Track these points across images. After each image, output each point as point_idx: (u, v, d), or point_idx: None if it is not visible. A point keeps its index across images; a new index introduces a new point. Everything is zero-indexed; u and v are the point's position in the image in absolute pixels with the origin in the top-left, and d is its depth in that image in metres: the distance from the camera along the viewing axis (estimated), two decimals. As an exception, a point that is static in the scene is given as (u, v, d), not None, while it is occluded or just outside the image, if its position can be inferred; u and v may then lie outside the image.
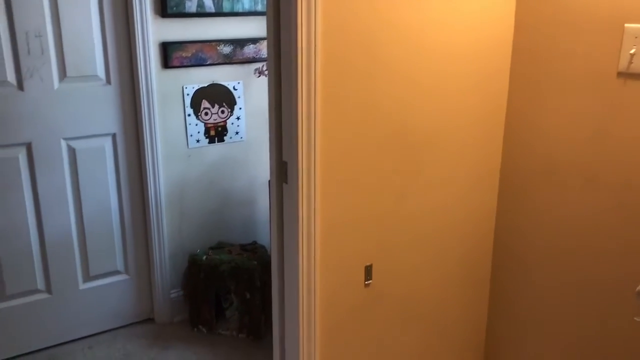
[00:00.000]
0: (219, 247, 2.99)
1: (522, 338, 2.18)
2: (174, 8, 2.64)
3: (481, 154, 2.08)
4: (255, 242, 3.03)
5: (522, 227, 2.10)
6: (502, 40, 1.99)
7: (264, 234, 3.15)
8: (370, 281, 1.89)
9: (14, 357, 2.63)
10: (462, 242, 2.13)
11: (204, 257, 2.85)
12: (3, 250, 2.53)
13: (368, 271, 1.87)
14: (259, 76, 2.95)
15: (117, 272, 2.87)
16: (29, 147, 2.51)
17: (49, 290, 2.69)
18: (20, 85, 2.45)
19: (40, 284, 2.66)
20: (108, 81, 2.64)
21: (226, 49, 2.84)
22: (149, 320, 2.99)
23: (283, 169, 1.68)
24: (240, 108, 2.97)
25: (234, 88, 2.93)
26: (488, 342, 2.32)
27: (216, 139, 2.93)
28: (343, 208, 1.77)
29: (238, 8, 2.81)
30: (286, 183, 1.69)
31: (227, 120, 2.95)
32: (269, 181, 1.85)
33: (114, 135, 2.70)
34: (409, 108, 1.83)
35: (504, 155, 2.12)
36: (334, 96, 1.66)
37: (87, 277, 2.78)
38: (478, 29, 1.91)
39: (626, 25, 1.69)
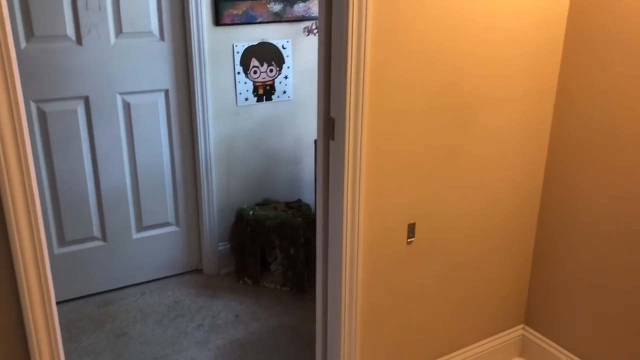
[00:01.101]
0: (264, 203, 3.07)
1: (562, 301, 2.18)
2: (226, -35, 2.67)
3: (532, 113, 2.04)
4: (299, 200, 3.10)
5: (571, 191, 2.07)
6: (559, -2, 1.93)
7: (309, 193, 3.21)
8: (413, 239, 1.91)
9: (71, 300, 2.80)
10: (507, 204, 2.12)
11: (251, 213, 2.93)
12: (63, 199, 2.67)
13: (411, 229, 1.89)
14: (308, 35, 2.96)
15: (168, 224, 2.99)
16: (86, 100, 2.62)
17: (104, 238, 2.84)
18: (79, 40, 2.54)
19: (96, 231, 2.81)
20: (162, 37, 2.70)
21: (276, 7, 2.85)
22: (197, 271, 3.12)
23: (330, 126, 1.71)
24: (288, 67, 3.00)
25: (282, 47, 2.95)
26: (529, 303, 2.32)
27: (264, 97, 2.98)
28: (389, 165, 1.79)
29: (289, -35, 2.82)
30: (333, 140, 1.72)
31: (275, 79, 2.98)
32: (315, 140, 1.88)
33: (166, 91, 2.78)
34: (461, 64, 1.81)
35: (555, 116, 2.09)
36: (383, 53, 1.66)
37: (140, 227, 2.91)
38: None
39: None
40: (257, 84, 2.94)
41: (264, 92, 2.97)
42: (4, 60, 1.25)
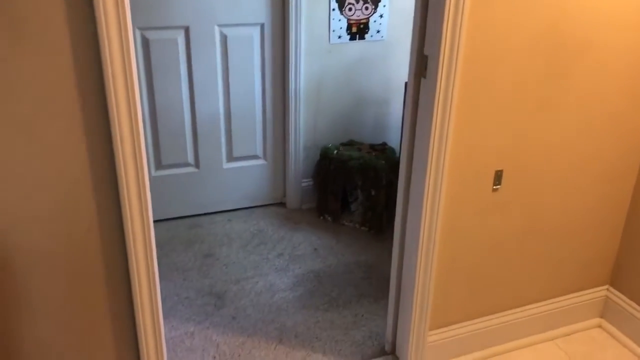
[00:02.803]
0: (349, 144, 3.10)
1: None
2: None
3: (637, 68, 1.90)
4: (384, 143, 3.09)
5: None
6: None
7: (394, 137, 3.19)
8: (499, 186, 1.87)
9: (164, 220, 3.01)
10: (601, 165, 2.01)
11: (335, 152, 2.97)
12: (161, 125, 2.83)
13: (498, 176, 1.85)
14: (407, -27, 2.86)
15: (256, 157, 3.10)
16: (187, 30, 2.71)
17: (197, 165, 3.00)
18: (182, -29, 2.61)
19: (190, 158, 2.97)
20: (260, -29, 2.72)
21: (376, -58, 2.77)
22: (281, 204, 3.24)
23: (423, 63, 1.68)
24: (384, 5, 2.93)
25: (380, -16, 2.88)
26: (617, 264, 2.23)
27: (357, 36, 2.94)
28: (480, 109, 1.74)
29: None
30: (424, 78, 1.69)
31: (370, 18, 2.93)
32: (406, 82, 1.86)
33: (262, 25, 2.82)
34: (563, 6, 1.70)
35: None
36: (485, -10, 1.59)
37: (230, 158, 3.04)
38: None
39: None
40: (351, 21, 2.91)
41: (358, 30, 2.93)
42: (116, -17, 1.31)
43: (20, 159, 1.32)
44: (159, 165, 2.92)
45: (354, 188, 3.02)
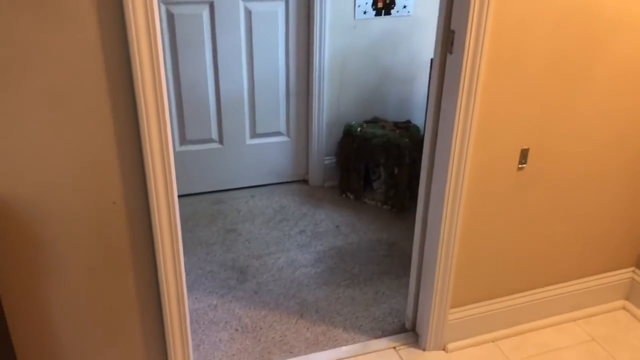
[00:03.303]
0: (373, 121, 3.07)
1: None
2: None
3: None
4: (409, 121, 3.07)
5: None
6: None
7: (418, 115, 3.15)
8: (525, 165, 1.85)
9: (188, 195, 3.04)
10: (632, 144, 1.96)
11: (359, 129, 2.96)
12: (185, 100, 2.85)
13: (524, 155, 1.82)
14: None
15: (279, 133, 3.10)
16: (211, 5, 2.70)
17: (220, 140, 3.01)
18: (207, -55, 2.59)
19: (214, 134, 2.99)
20: (285, -55, 2.69)
21: None
22: (303, 181, 3.25)
23: (449, 38, 1.65)
24: (411, -19, 2.88)
25: (407, -42, 2.82)
26: (643, 250, 2.20)
27: (383, 11, 2.90)
28: (507, 85, 1.71)
29: None
30: (451, 53, 1.66)
31: (396, -7, 2.88)
32: (432, 58, 1.83)
33: (286, 1, 2.79)
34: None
35: None
36: (515, -37, 1.55)
37: (254, 134, 3.05)
38: None
39: None
40: (377, -3, 2.87)
41: (384, 5, 2.89)
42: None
43: (49, 130, 1.34)
44: (183, 140, 2.94)
45: (377, 166, 3.01)
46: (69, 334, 1.57)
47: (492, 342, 2.11)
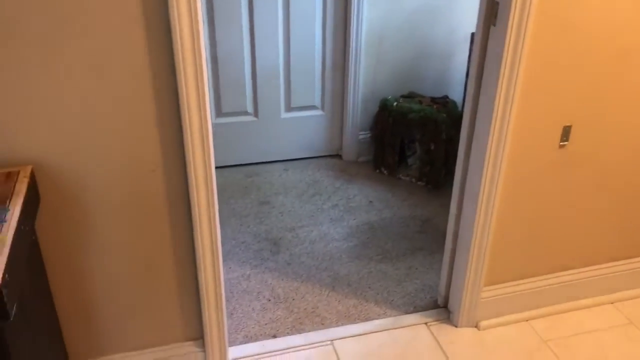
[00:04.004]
0: (410, 96, 3.03)
1: None
2: None
3: None
4: (446, 97, 3.01)
5: None
6: None
7: (456, 90, 3.10)
8: (566, 143, 1.80)
9: (223, 167, 3.07)
10: (683, 120, 1.89)
11: (395, 104, 2.92)
12: (222, 72, 2.86)
13: (566, 132, 1.78)
14: None
15: (314, 107, 3.09)
16: (249, -23, 2.69)
17: (255, 114, 3.02)
18: None
19: (249, 107, 2.99)
20: None
21: None
22: (337, 156, 3.24)
23: (493, 10, 1.60)
24: (452, -49, 2.80)
25: None
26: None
27: (423, -16, 2.84)
28: (552, 58, 1.65)
29: None
30: (494, 26, 1.62)
31: (437, -36, 2.81)
32: (472, 32, 1.78)
33: (324, -28, 2.76)
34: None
35: None
36: None
37: (288, 108, 3.05)
38: None
39: None
40: (417, -32, 2.80)
41: (423, -23, 2.82)
42: None
43: (91, 97, 1.37)
44: (219, 112, 2.96)
45: (413, 142, 2.98)
46: (107, 299, 1.62)
47: (525, 321, 2.09)
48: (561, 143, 1.79)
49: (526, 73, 1.65)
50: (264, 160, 3.15)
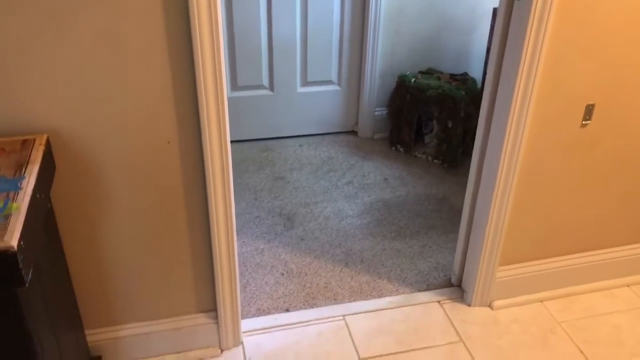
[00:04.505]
0: (428, 72, 2.98)
1: None
2: None
3: None
4: (466, 73, 2.96)
5: None
6: None
7: (476, 67, 3.04)
8: (589, 122, 1.76)
9: (237, 141, 3.06)
10: None
11: (413, 80, 2.88)
12: (238, 46, 2.83)
13: (588, 110, 1.73)
14: None
15: (330, 82, 3.06)
16: (267, -53, 2.64)
17: (271, 88, 3.00)
18: None
19: (265, 81, 2.97)
20: None
21: None
22: (352, 132, 3.21)
23: (519, -17, 1.55)
24: None
25: None
26: None
27: (445, -44, 2.77)
28: (578, 34, 1.61)
29: None
30: (518, 0, 1.57)
31: (460, -63, 2.73)
32: (495, 7, 1.73)
33: (344, -57, 2.70)
34: None
35: None
36: None
37: (304, 82, 3.02)
38: None
39: None
40: (439, -60, 2.73)
41: (446, -50, 2.75)
42: None
43: (108, 69, 1.35)
44: (234, 86, 2.94)
45: (430, 119, 2.94)
46: (121, 270, 1.63)
47: (540, 302, 2.08)
48: (583, 122, 1.75)
49: (550, 49, 1.60)
50: (279, 136, 3.14)
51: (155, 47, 1.36)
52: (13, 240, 0.98)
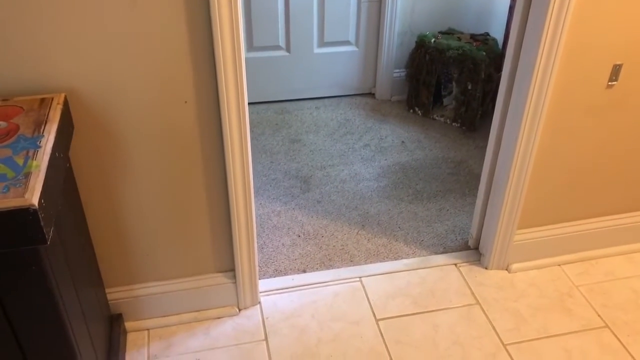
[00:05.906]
0: (448, 32, 2.91)
1: None
2: None
3: None
4: (487, 34, 2.88)
5: None
6: None
7: (498, 27, 2.96)
8: (615, 82, 1.70)
9: (254, 103, 3.04)
10: None
11: (432, 40, 2.81)
12: (254, 5, 2.77)
13: (616, 70, 1.68)
14: None
15: (347, 43, 3.00)
16: None
17: (288, 48, 2.95)
18: None
19: (281, 41, 2.92)
20: None
21: None
22: (369, 94, 3.17)
23: (548, -64, 1.49)
24: None
25: None
26: None
27: None
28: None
29: None
30: (547, -46, 1.51)
31: None
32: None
33: None
34: None
35: None
36: None
37: (322, 43, 2.97)
38: None
39: None
40: None
41: None
42: None
43: (124, 26, 1.33)
44: (250, 47, 2.90)
45: (449, 81, 2.88)
46: (140, 228, 1.65)
47: (558, 266, 2.06)
48: (609, 83, 1.70)
49: (577, 7, 1.54)
50: (295, 98, 3.11)
51: (172, 4, 1.33)
52: (34, 198, 0.98)
